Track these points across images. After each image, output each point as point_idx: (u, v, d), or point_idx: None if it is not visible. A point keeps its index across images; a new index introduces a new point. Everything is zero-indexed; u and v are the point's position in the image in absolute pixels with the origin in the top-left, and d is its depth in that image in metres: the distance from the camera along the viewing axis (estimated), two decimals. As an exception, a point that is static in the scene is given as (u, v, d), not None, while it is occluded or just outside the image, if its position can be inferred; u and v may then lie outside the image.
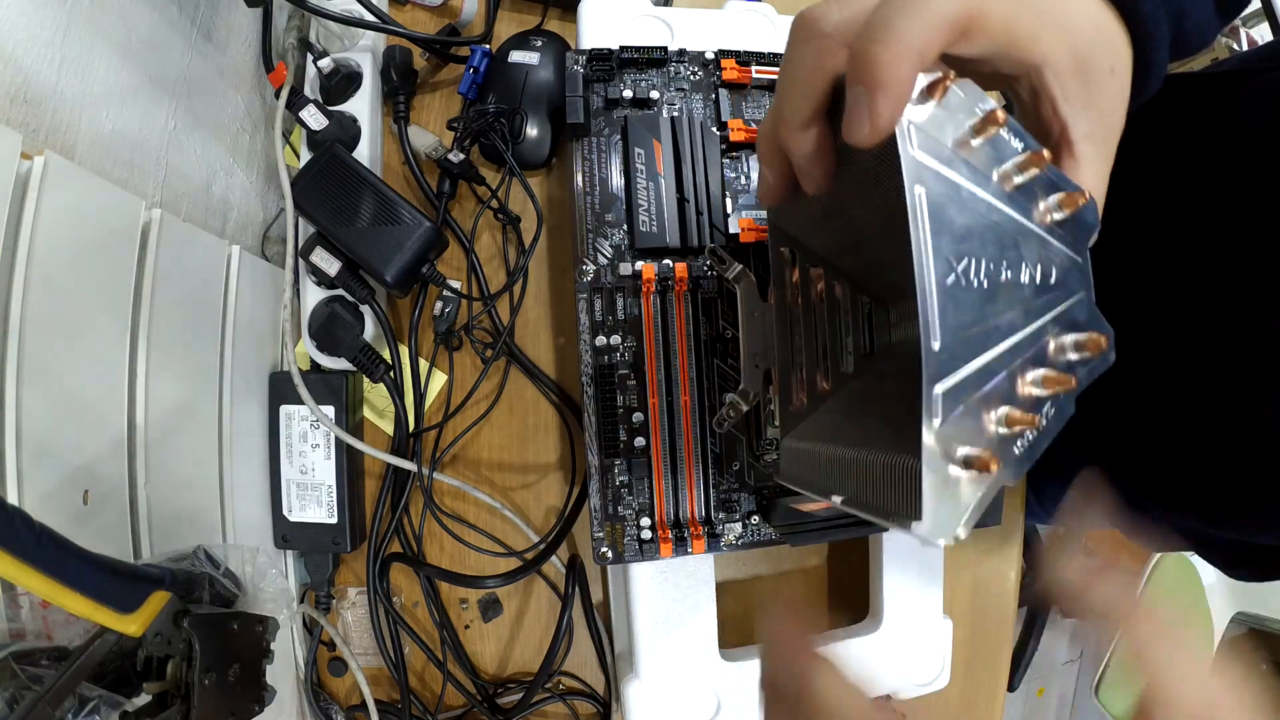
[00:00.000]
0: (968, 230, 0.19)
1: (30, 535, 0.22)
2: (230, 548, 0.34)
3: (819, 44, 0.22)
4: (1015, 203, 0.21)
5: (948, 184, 0.19)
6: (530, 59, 0.48)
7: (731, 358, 0.38)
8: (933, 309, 0.18)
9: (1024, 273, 0.21)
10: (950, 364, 0.19)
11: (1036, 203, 0.22)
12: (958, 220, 0.19)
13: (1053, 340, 0.22)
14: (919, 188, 0.19)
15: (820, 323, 0.27)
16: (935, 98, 0.20)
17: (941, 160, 0.20)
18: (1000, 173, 0.21)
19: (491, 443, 0.49)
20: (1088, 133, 0.24)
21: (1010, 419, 0.20)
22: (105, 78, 0.34)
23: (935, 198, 0.19)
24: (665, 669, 0.40)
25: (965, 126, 0.20)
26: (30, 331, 0.27)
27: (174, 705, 0.27)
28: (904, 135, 0.19)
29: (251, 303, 0.44)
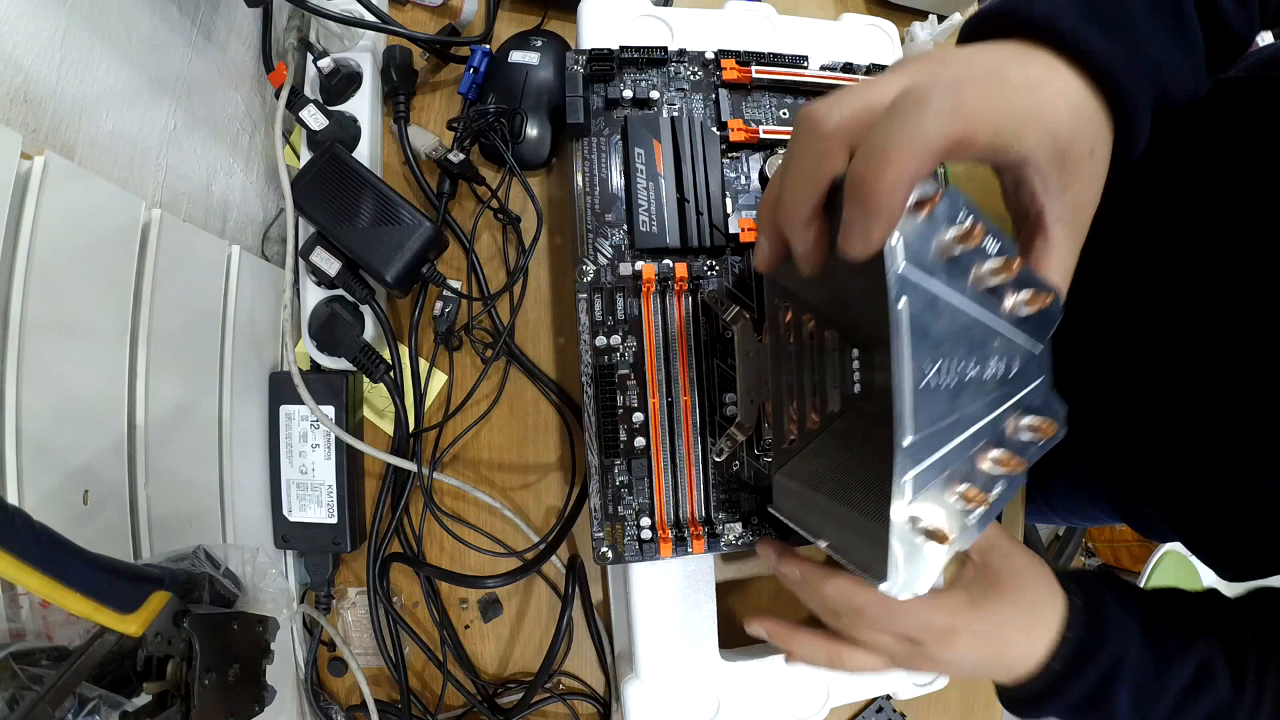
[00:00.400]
0: (942, 336, 0.22)
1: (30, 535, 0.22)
2: (230, 548, 0.34)
3: (820, 147, 0.24)
4: (986, 302, 0.23)
5: (927, 294, 0.22)
6: (530, 59, 0.48)
7: (732, 357, 0.38)
8: (906, 409, 0.21)
9: (989, 369, 0.23)
10: (919, 455, 0.22)
11: (1005, 298, 0.24)
12: (934, 328, 0.22)
13: (1011, 421, 0.24)
14: (902, 300, 0.21)
15: (811, 364, 0.29)
16: (923, 212, 0.22)
17: (924, 270, 0.22)
18: (975, 274, 0.23)
19: (491, 443, 0.49)
20: (1061, 217, 0.26)
21: (967, 496, 0.23)
22: (105, 78, 0.34)
23: (916, 309, 0.21)
24: (665, 669, 0.40)
25: (948, 236, 0.22)
26: (30, 331, 0.27)
27: (174, 705, 0.26)
28: (891, 251, 0.21)
29: (251, 303, 0.44)
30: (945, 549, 0.22)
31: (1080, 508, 0.59)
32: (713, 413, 0.38)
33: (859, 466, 0.26)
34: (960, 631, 0.31)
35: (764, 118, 0.41)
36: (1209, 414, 0.40)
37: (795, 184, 0.24)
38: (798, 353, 0.31)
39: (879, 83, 0.24)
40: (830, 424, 0.29)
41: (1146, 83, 0.27)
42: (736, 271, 0.39)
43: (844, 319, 0.27)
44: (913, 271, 0.21)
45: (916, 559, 0.22)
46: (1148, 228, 0.43)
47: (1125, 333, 0.44)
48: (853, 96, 0.24)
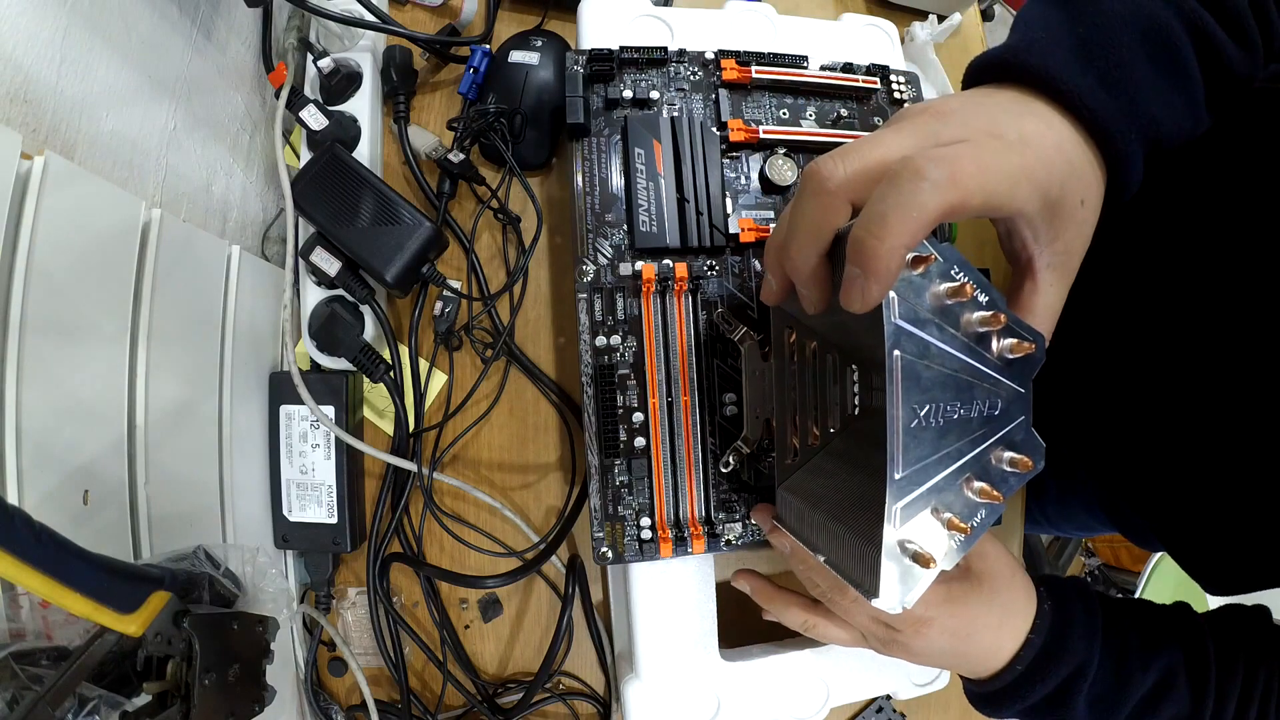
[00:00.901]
0: (932, 382, 0.24)
1: (30, 535, 0.22)
2: (230, 548, 0.34)
3: (825, 201, 0.25)
4: (975, 347, 0.26)
5: (920, 343, 0.24)
6: (530, 59, 0.48)
7: (732, 358, 0.38)
8: (897, 448, 0.24)
9: (974, 409, 0.26)
10: (908, 487, 0.24)
11: (992, 342, 0.26)
12: (925, 375, 0.24)
13: (994, 454, 0.27)
14: (897, 352, 0.23)
15: (813, 384, 0.32)
16: (918, 270, 0.24)
17: (917, 323, 0.24)
18: (965, 321, 0.25)
19: (491, 443, 0.49)
20: (1050, 263, 0.28)
21: (951, 524, 0.25)
22: (105, 78, 0.34)
23: (909, 358, 0.24)
24: (665, 669, 0.40)
25: (940, 289, 0.25)
26: (30, 331, 0.27)
27: (174, 705, 0.26)
28: (888, 305, 0.23)
29: (251, 303, 0.44)
30: (931, 571, 0.25)
31: (1075, 516, 0.60)
32: (713, 413, 0.38)
33: (854, 486, 0.27)
34: (933, 623, 0.33)
35: (764, 118, 0.41)
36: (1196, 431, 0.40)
37: (801, 236, 0.26)
38: (800, 373, 0.33)
39: (881, 141, 0.26)
40: (829, 442, 0.31)
41: (1141, 132, 0.27)
42: (736, 272, 0.39)
43: (844, 343, 0.29)
44: (907, 324, 0.24)
45: (906, 578, 0.25)
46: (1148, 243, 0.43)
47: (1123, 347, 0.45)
48: (856, 155, 0.25)
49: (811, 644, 0.43)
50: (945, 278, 0.25)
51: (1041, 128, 0.26)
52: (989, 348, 0.26)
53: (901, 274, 0.24)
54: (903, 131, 0.26)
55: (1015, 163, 0.25)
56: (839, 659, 0.42)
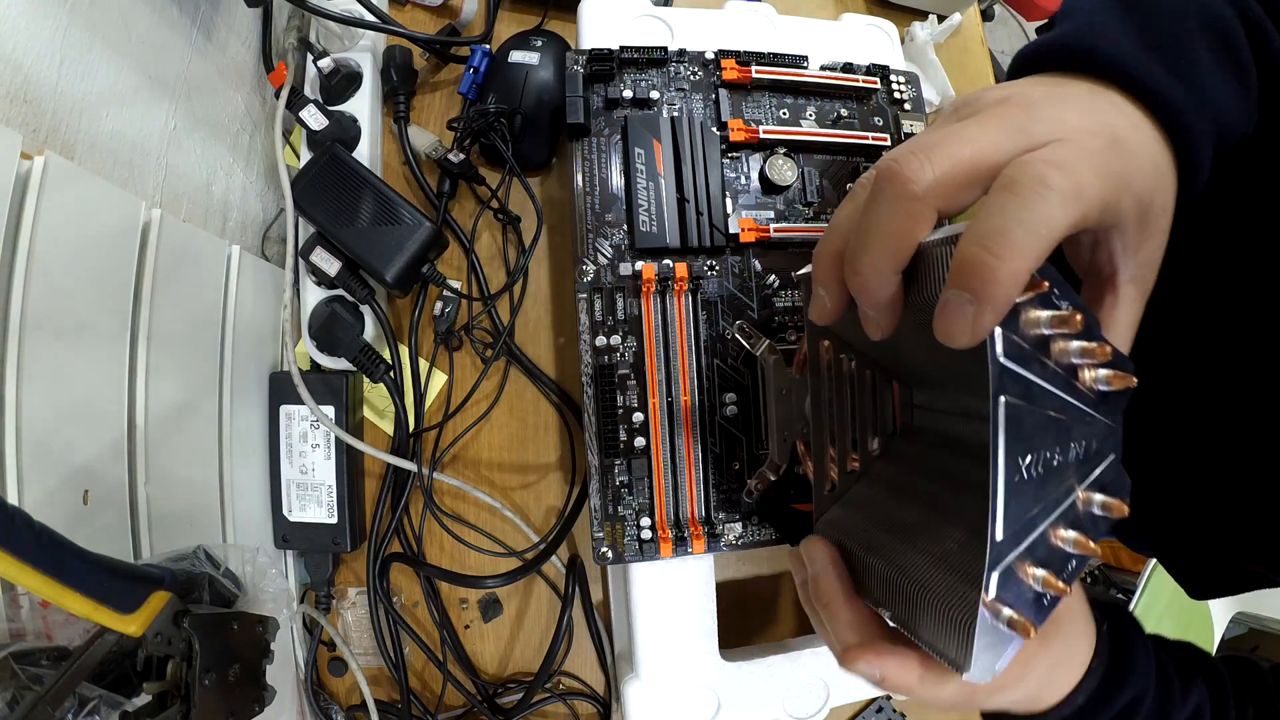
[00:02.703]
0: (1035, 427, 0.21)
1: (30, 535, 0.22)
2: (230, 548, 0.34)
3: (910, 208, 0.22)
4: (1069, 384, 0.22)
5: (1023, 384, 0.20)
6: (530, 59, 0.48)
7: (732, 357, 0.38)
8: (999, 506, 0.20)
9: (1072, 452, 0.22)
10: (1007, 548, 0.21)
11: (1084, 373, 0.22)
12: (1028, 421, 0.20)
13: (1082, 498, 0.23)
14: (1003, 399, 0.20)
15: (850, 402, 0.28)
16: (1029, 296, 0.20)
17: (1021, 360, 0.20)
18: (1059, 350, 0.22)
19: (491, 443, 0.49)
20: (1134, 276, 0.25)
21: (1047, 583, 0.22)
22: (105, 78, 0.34)
23: (1014, 403, 0.20)
24: (665, 669, 0.40)
25: (1043, 316, 0.21)
26: (30, 331, 0.27)
27: (174, 705, 0.26)
28: (993, 342, 0.20)
29: (251, 303, 0.44)
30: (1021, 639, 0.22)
31: None
32: (713, 413, 0.38)
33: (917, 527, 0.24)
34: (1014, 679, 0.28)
35: (764, 118, 0.41)
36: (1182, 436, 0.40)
37: (877, 248, 0.22)
38: (837, 391, 0.30)
39: (968, 137, 0.22)
40: (872, 465, 0.27)
41: (1210, 127, 0.25)
42: (736, 272, 0.39)
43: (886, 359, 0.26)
44: (1012, 363, 0.20)
45: (996, 645, 0.22)
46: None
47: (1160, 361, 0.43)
48: (944, 154, 0.22)
49: (811, 644, 0.43)
50: (1046, 304, 0.21)
51: (1128, 127, 0.24)
52: (1080, 379, 0.23)
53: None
54: (988, 126, 0.23)
55: (1119, 168, 0.22)
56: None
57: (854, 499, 0.28)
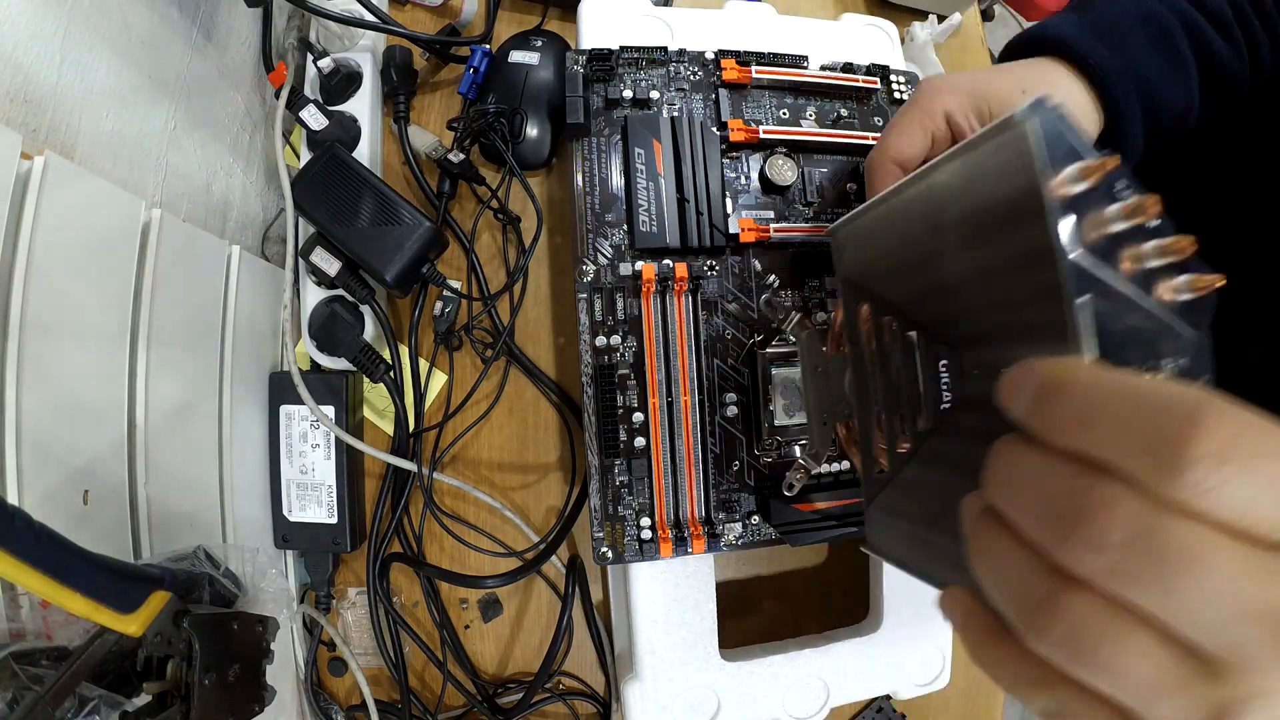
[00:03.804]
0: (1123, 337, 0.18)
1: (30, 535, 0.22)
2: (230, 548, 0.34)
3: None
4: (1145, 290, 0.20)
5: (1101, 287, 0.18)
6: (530, 59, 0.48)
7: (732, 358, 0.38)
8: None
9: (1164, 370, 0.20)
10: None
11: (1161, 283, 0.20)
12: (1113, 329, 0.18)
13: None
14: (1085, 299, 0.17)
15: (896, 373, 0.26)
16: (1089, 181, 0.18)
17: (1096, 255, 0.18)
18: (1133, 254, 0.19)
19: (491, 443, 0.49)
20: None
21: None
22: (105, 78, 0.34)
23: (1094, 307, 0.17)
24: (665, 669, 0.40)
25: (1113, 210, 0.18)
26: (30, 331, 0.27)
27: (174, 705, 0.26)
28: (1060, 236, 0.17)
29: (251, 303, 0.44)
30: None
31: None
32: (713, 413, 0.38)
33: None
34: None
35: (764, 118, 0.41)
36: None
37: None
38: (880, 362, 0.27)
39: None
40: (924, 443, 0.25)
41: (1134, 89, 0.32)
42: (736, 272, 0.39)
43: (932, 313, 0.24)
44: (1087, 259, 0.18)
45: None
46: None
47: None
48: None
49: (811, 644, 0.43)
50: (1112, 196, 0.19)
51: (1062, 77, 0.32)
52: (1155, 289, 0.20)
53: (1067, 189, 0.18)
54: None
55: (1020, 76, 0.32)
56: (839, 659, 0.42)
57: (909, 481, 0.26)
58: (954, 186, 0.21)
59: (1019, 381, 0.17)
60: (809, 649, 0.42)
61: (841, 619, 0.47)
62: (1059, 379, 0.16)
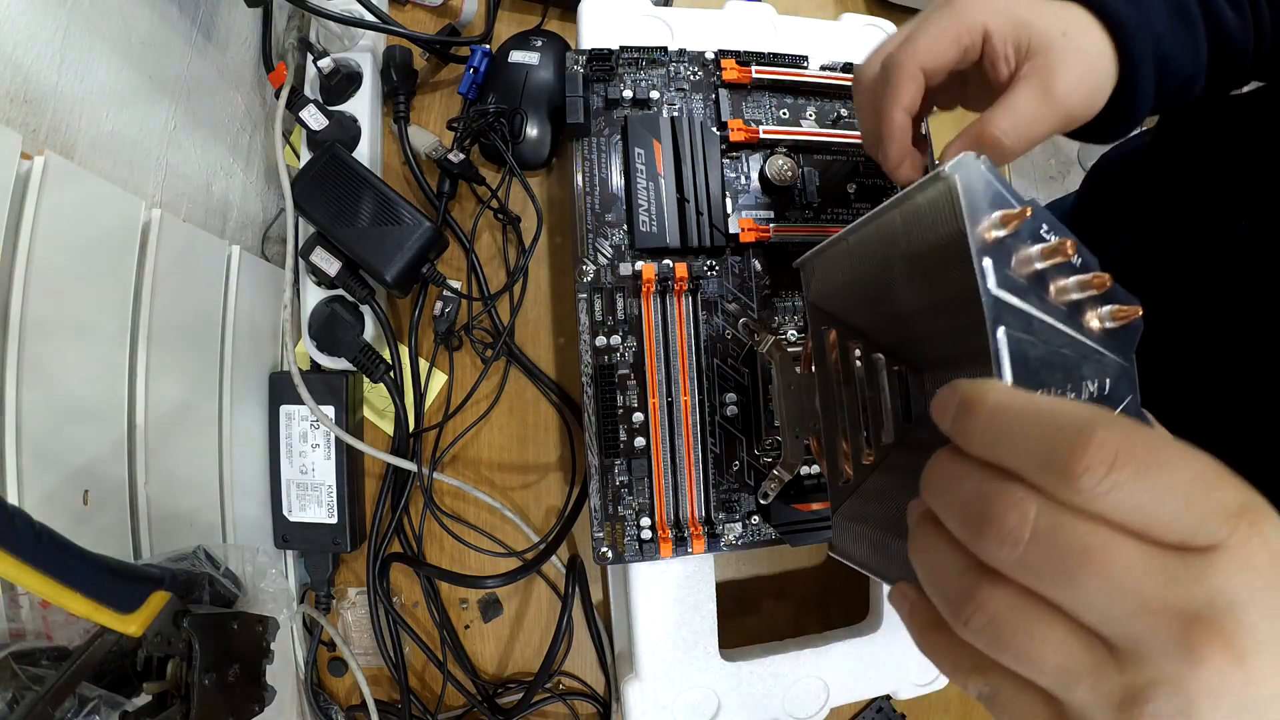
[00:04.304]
0: (1040, 363, 0.20)
1: (30, 535, 0.22)
2: (230, 548, 0.34)
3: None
4: (1073, 320, 0.22)
5: (1023, 317, 0.20)
6: (530, 59, 0.48)
7: (731, 358, 0.38)
8: None
9: (1084, 391, 0.22)
10: None
11: (1087, 313, 0.22)
12: (1032, 355, 0.20)
13: None
14: (1001, 330, 0.19)
15: (860, 392, 0.28)
16: (1008, 229, 0.20)
17: (1017, 292, 0.20)
18: (1057, 288, 0.21)
19: (491, 443, 0.49)
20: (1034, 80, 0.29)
21: None
22: (105, 78, 0.34)
23: (1015, 335, 0.20)
24: (665, 669, 0.40)
25: (1033, 251, 0.21)
26: (30, 331, 0.27)
27: (174, 705, 0.26)
28: (984, 274, 0.20)
29: (251, 303, 0.44)
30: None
31: None
32: (713, 413, 0.38)
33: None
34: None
35: (764, 118, 0.41)
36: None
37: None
38: (845, 381, 0.30)
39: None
40: (887, 455, 0.27)
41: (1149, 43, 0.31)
42: (736, 272, 0.39)
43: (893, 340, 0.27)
44: (1007, 295, 0.20)
45: None
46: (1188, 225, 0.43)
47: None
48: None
49: (811, 644, 0.43)
50: (1035, 238, 0.21)
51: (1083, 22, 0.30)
52: (1085, 317, 0.23)
53: (990, 234, 0.20)
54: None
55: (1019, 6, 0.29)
56: (839, 659, 0.42)
57: (871, 490, 0.28)
58: (899, 229, 0.24)
59: (945, 399, 0.19)
60: (809, 649, 0.42)
61: (841, 619, 0.47)
62: (972, 399, 0.18)
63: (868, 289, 0.27)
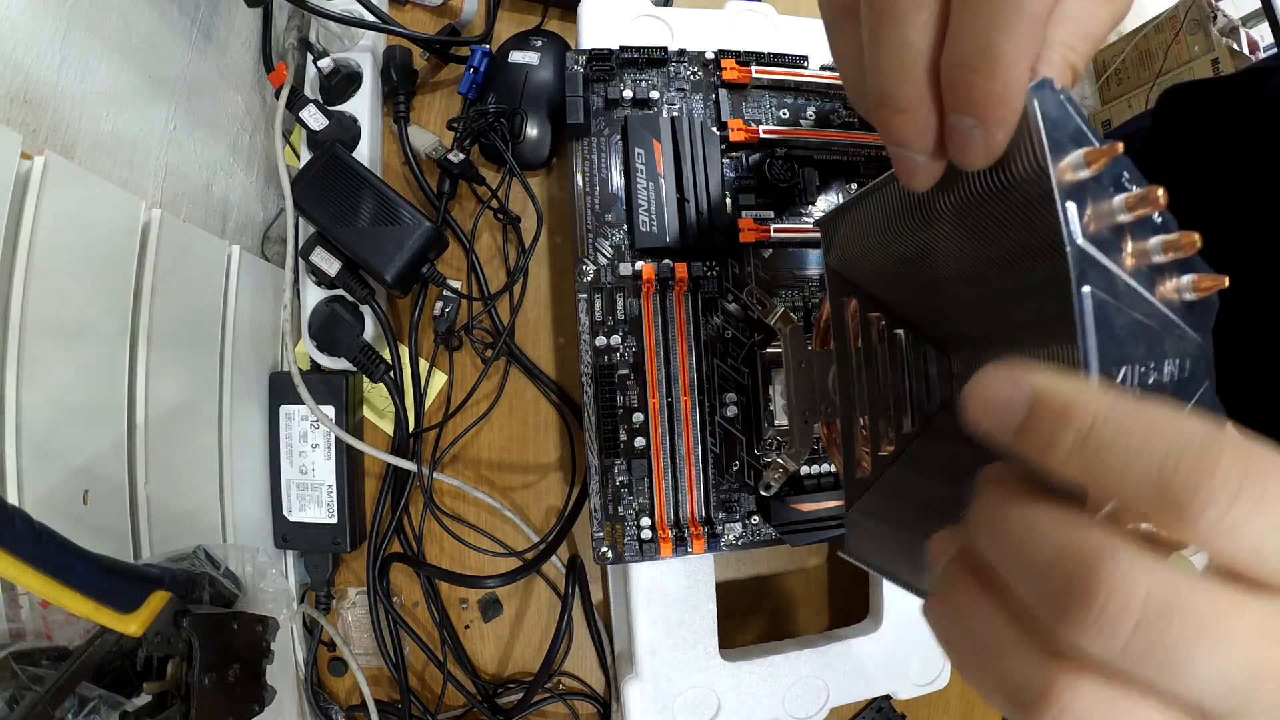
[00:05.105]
0: (1126, 331, 0.17)
1: (30, 535, 0.22)
2: (230, 548, 0.34)
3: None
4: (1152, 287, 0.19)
5: (1107, 276, 0.17)
6: (530, 59, 0.48)
7: (731, 358, 0.38)
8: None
9: (1166, 371, 0.19)
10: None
11: (1164, 281, 0.19)
12: (1117, 321, 0.17)
13: None
14: (1087, 288, 0.16)
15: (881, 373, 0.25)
16: (1092, 168, 0.17)
17: (1100, 245, 0.17)
18: (1137, 250, 0.18)
19: (491, 443, 0.49)
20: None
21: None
22: (105, 78, 0.34)
23: (1100, 297, 0.17)
24: (665, 669, 0.40)
25: (1118, 201, 0.18)
26: (30, 331, 0.27)
27: (174, 705, 0.26)
28: (1067, 218, 0.16)
29: (251, 303, 0.44)
30: None
31: None
32: (713, 413, 0.38)
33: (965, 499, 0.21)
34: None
35: (764, 118, 0.41)
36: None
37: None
38: (865, 360, 0.26)
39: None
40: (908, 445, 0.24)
41: None
42: (736, 272, 0.39)
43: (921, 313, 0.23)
44: (1091, 248, 0.17)
45: None
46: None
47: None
48: None
49: (811, 644, 0.43)
50: (1118, 185, 0.18)
51: None
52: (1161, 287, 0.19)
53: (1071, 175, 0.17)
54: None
55: None
56: (839, 659, 0.42)
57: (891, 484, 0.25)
58: (949, 172, 0.20)
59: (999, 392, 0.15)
60: (809, 649, 0.42)
61: (841, 619, 0.47)
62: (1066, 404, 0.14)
63: (901, 251, 0.24)
